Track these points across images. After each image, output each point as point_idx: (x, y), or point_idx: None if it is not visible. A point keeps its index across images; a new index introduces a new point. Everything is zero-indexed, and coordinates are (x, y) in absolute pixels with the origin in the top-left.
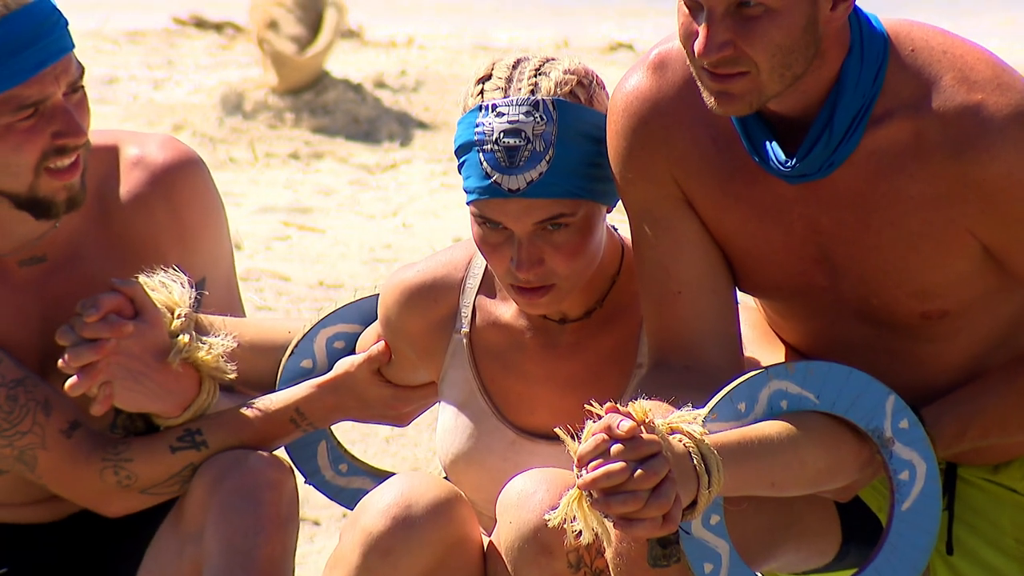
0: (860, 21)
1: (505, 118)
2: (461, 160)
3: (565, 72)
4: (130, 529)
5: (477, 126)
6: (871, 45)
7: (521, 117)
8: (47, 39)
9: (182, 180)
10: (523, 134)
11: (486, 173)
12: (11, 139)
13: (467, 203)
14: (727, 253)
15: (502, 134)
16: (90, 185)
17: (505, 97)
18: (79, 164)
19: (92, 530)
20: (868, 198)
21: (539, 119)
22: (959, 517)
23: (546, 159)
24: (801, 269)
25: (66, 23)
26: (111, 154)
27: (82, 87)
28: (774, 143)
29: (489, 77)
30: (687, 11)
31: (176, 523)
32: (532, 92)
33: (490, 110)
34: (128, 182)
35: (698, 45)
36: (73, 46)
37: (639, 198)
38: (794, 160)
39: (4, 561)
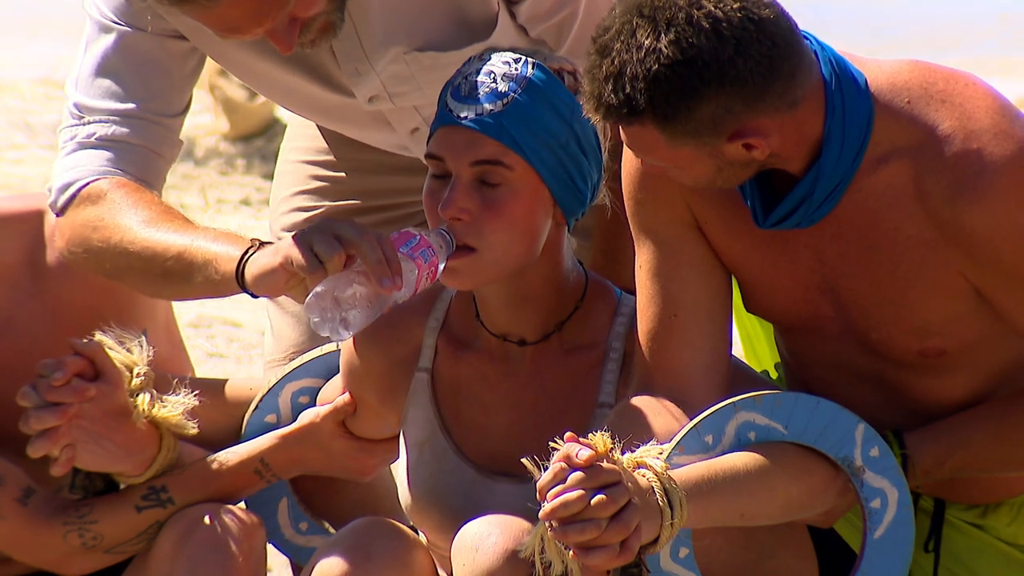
0: (842, 85)
1: (486, 64)
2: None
3: (558, 57)
4: None
5: (461, 70)
6: (853, 114)
7: (499, 64)
8: None
9: None
10: (492, 74)
11: (445, 103)
12: None
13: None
14: (737, 277)
15: (475, 71)
16: (18, 253)
17: (499, 54)
18: None
19: None
20: (869, 234)
21: (514, 69)
22: (940, 564)
23: (504, 100)
24: (807, 298)
25: None
26: (36, 219)
27: None
28: (757, 201)
29: (499, 50)
30: None
31: None
32: (520, 57)
33: (478, 58)
34: (56, 246)
35: None
36: None
37: (649, 219)
38: (768, 222)
39: None
